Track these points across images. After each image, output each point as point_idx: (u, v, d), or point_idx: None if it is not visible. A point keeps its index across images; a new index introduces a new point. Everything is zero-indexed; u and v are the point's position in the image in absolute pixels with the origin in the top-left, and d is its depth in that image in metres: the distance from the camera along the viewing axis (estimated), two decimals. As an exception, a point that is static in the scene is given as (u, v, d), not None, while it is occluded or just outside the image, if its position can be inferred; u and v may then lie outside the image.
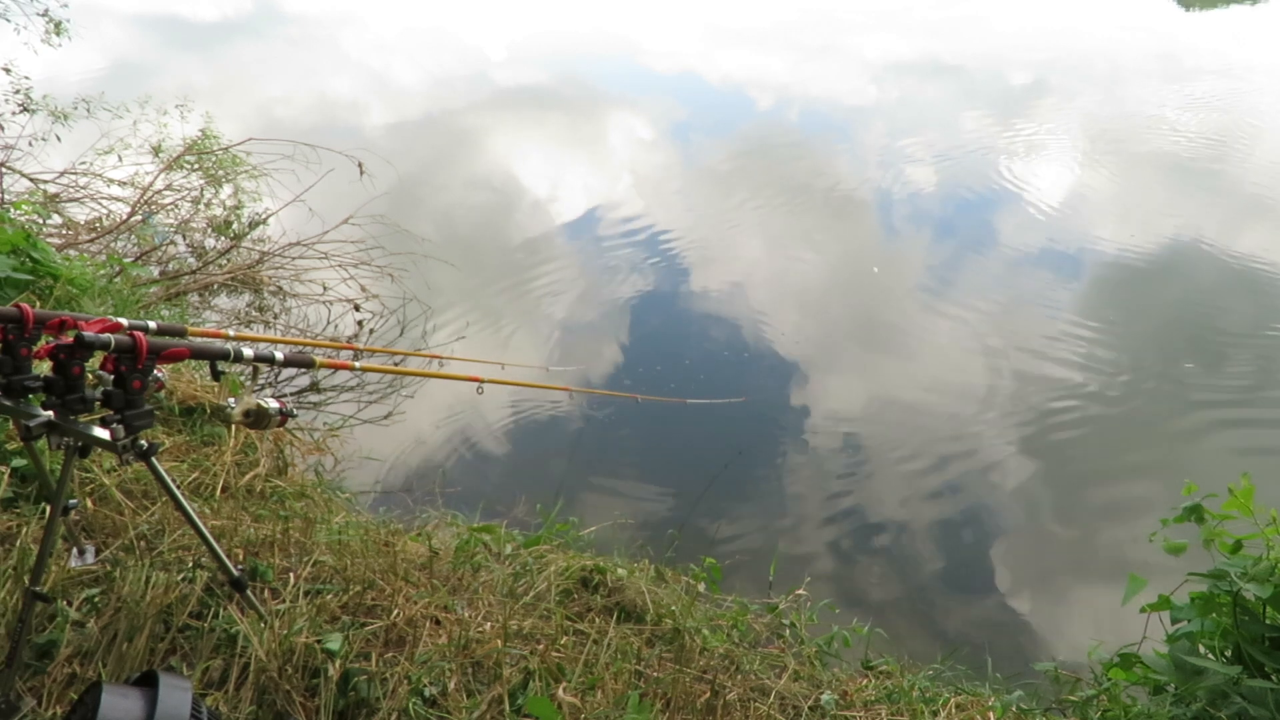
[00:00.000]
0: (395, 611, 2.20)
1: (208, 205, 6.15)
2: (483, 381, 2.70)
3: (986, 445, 4.79)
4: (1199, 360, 5.63)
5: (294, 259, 5.69)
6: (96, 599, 2.06)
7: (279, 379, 4.69)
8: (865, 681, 2.57)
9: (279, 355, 1.82)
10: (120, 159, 6.43)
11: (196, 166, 6.33)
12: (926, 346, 5.79)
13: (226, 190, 6.27)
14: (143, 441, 1.59)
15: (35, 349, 1.61)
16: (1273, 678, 2.00)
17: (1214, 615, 2.18)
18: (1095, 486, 4.56)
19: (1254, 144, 9.49)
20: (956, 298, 6.45)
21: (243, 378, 3.83)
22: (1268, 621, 2.08)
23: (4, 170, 5.57)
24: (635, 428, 4.84)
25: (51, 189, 6.01)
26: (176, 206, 6.07)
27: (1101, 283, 6.64)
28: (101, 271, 4.35)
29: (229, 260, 5.76)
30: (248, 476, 2.84)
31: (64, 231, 5.51)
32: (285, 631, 1.98)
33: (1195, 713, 2.03)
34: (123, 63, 10.99)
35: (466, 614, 2.33)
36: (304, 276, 5.66)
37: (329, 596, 2.20)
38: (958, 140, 9.65)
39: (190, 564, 2.19)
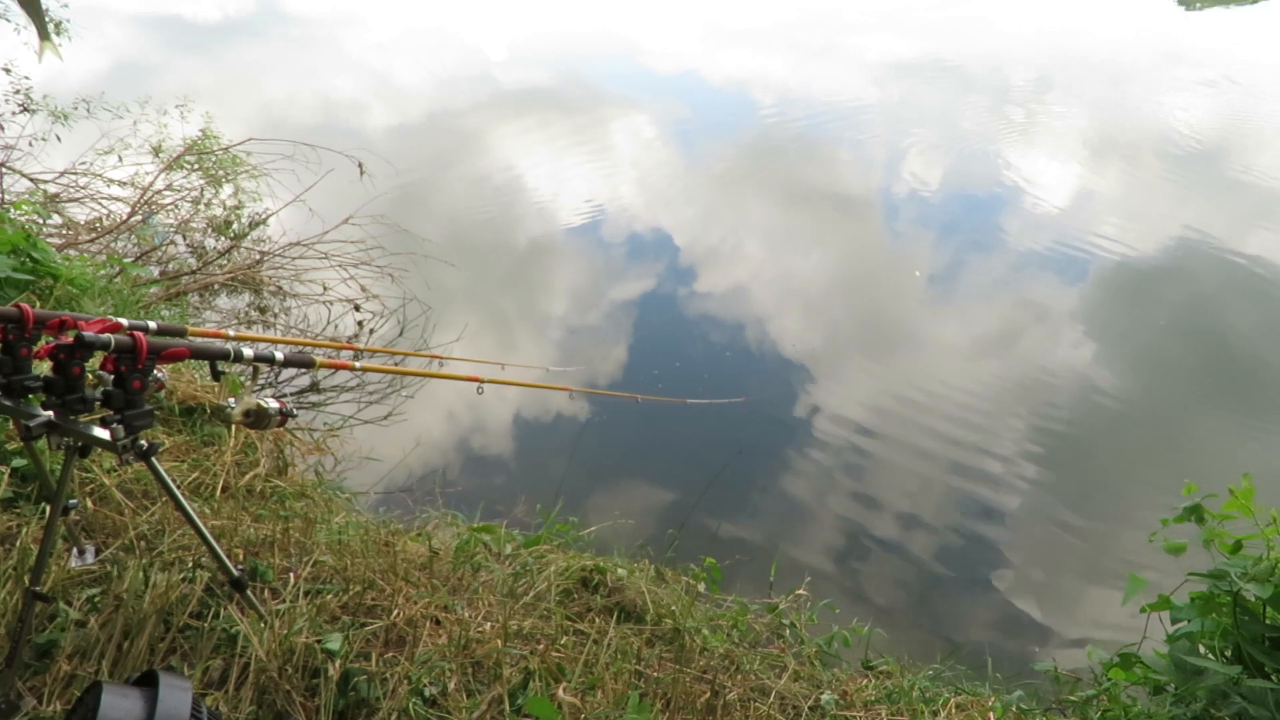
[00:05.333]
0: (395, 611, 2.20)
1: (208, 205, 6.15)
2: (483, 381, 2.70)
3: (987, 446, 4.79)
4: (1203, 361, 5.63)
5: (294, 259, 5.70)
6: (96, 599, 2.06)
7: (279, 379, 4.69)
8: (865, 681, 2.57)
9: (279, 355, 1.82)
10: (120, 159, 6.42)
11: (196, 167, 6.33)
12: (929, 347, 5.79)
13: (226, 190, 6.27)
14: (143, 441, 1.59)
15: (35, 349, 1.61)
16: (1273, 678, 2.00)
17: (1214, 615, 2.18)
18: (1095, 487, 4.56)
19: (1256, 142, 9.49)
20: (960, 298, 6.46)
21: (243, 378, 3.83)
22: (1268, 621, 2.08)
23: (4, 170, 5.57)
24: (635, 428, 4.85)
25: (51, 189, 6.01)
26: (176, 206, 6.07)
27: (1107, 283, 6.65)
28: (101, 271, 4.35)
29: (229, 260, 5.76)
30: (248, 476, 2.84)
31: (64, 231, 5.51)
32: (285, 631, 1.98)
33: (1195, 713, 2.03)
34: (123, 63, 11.00)
35: (466, 614, 2.33)
36: (304, 276, 5.66)
37: (329, 596, 2.20)
38: (960, 140, 9.65)
39: (190, 564, 2.19)
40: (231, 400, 1.74)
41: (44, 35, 1.57)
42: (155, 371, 1.60)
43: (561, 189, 8.18)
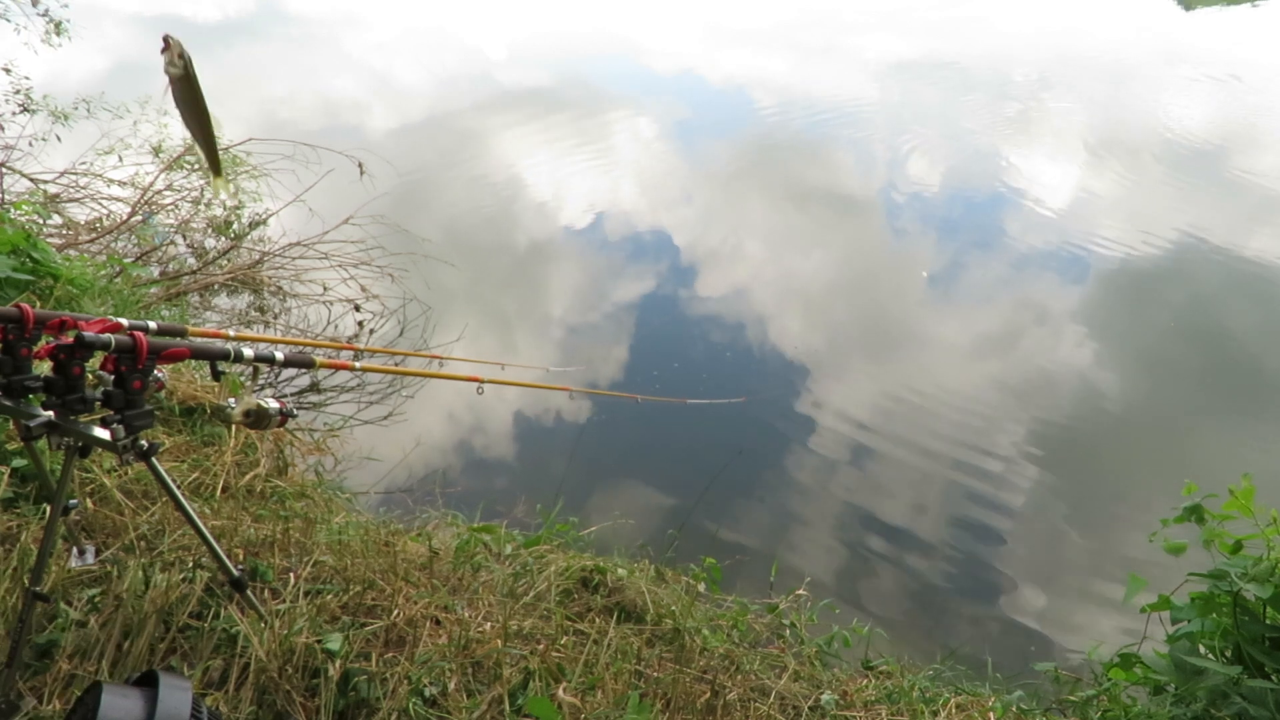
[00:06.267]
0: (395, 611, 2.20)
1: (208, 205, 6.15)
2: (483, 382, 2.69)
3: (987, 445, 4.79)
4: (1203, 361, 5.63)
5: (294, 259, 5.70)
6: (96, 599, 2.06)
7: (279, 379, 4.69)
8: (865, 681, 2.57)
9: (279, 355, 1.82)
10: (120, 159, 6.42)
11: (197, 166, 6.32)
12: (930, 347, 5.79)
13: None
14: (143, 441, 1.59)
15: (35, 349, 1.61)
16: (1273, 678, 2.00)
17: (1214, 615, 2.18)
18: (1096, 487, 4.56)
19: (1258, 143, 9.50)
20: (961, 298, 6.45)
21: (243, 378, 3.83)
22: (1268, 621, 2.08)
23: (4, 170, 5.56)
24: (636, 428, 4.85)
25: (51, 189, 6.00)
26: (176, 206, 6.06)
27: (1108, 284, 6.64)
28: (101, 271, 4.35)
29: (229, 260, 5.76)
30: (248, 476, 2.84)
31: (64, 231, 5.51)
32: (285, 631, 1.98)
33: (1195, 713, 2.03)
34: (123, 63, 10.99)
35: (466, 614, 2.33)
36: (304, 276, 5.66)
37: (329, 596, 2.20)
38: (961, 140, 9.65)
39: (190, 564, 2.19)
40: (231, 400, 1.74)
41: (217, 170, 1.68)
42: (155, 372, 1.59)
43: (562, 189, 8.18)
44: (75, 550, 2.18)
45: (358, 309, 5.50)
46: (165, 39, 1.53)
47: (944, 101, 11.09)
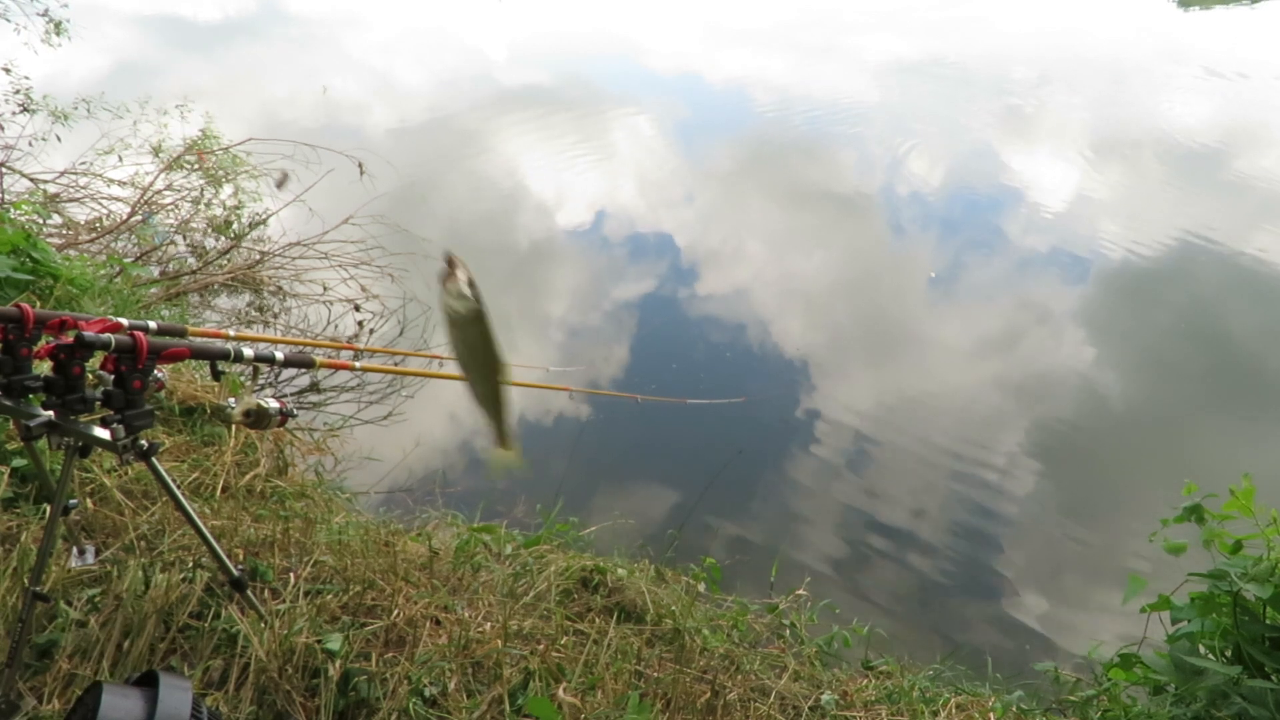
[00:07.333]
0: (395, 611, 2.20)
1: (208, 205, 6.15)
2: (483, 381, 2.69)
3: (987, 447, 4.79)
4: (1204, 361, 5.63)
5: (294, 259, 5.69)
6: (96, 599, 2.06)
7: (279, 379, 4.68)
8: (865, 681, 2.57)
9: (279, 355, 1.82)
10: (120, 159, 6.42)
11: (196, 166, 6.33)
12: (931, 348, 5.78)
13: (227, 190, 6.26)
14: (143, 441, 1.59)
15: (35, 349, 1.61)
16: (1273, 678, 2.00)
17: (1214, 615, 2.18)
18: (1096, 487, 4.56)
19: (1259, 143, 9.50)
20: (962, 299, 6.45)
21: (243, 378, 3.83)
22: (1268, 621, 2.08)
23: (4, 170, 5.57)
24: (636, 428, 4.84)
25: (51, 189, 6.01)
26: (176, 206, 6.07)
27: (1108, 284, 6.64)
28: (101, 271, 4.35)
29: (229, 260, 5.76)
30: (248, 476, 2.84)
31: (64, 231, 5.52)
32: (285, 631, 1.98)
33: (1195, 713, 2.03)
34: (123, 63, 10.99)
35: (466, 614, 2.33)
36: (304, 276, 5.65)
37: (329, 596, 2.20)
38: (961, 140, 9.65)
39: (190, 564, 2.19)
40: (231, 400, 1.74)
41: (505, 441, 1.43)
42: (155, 371, 1.60)
43: (562, 189, 8.18)
44: (75, 550, 2.18)
45: (358, 309, 5.50)
46: (449, 259, 1.18)
47: (944, 101, 11.08)
